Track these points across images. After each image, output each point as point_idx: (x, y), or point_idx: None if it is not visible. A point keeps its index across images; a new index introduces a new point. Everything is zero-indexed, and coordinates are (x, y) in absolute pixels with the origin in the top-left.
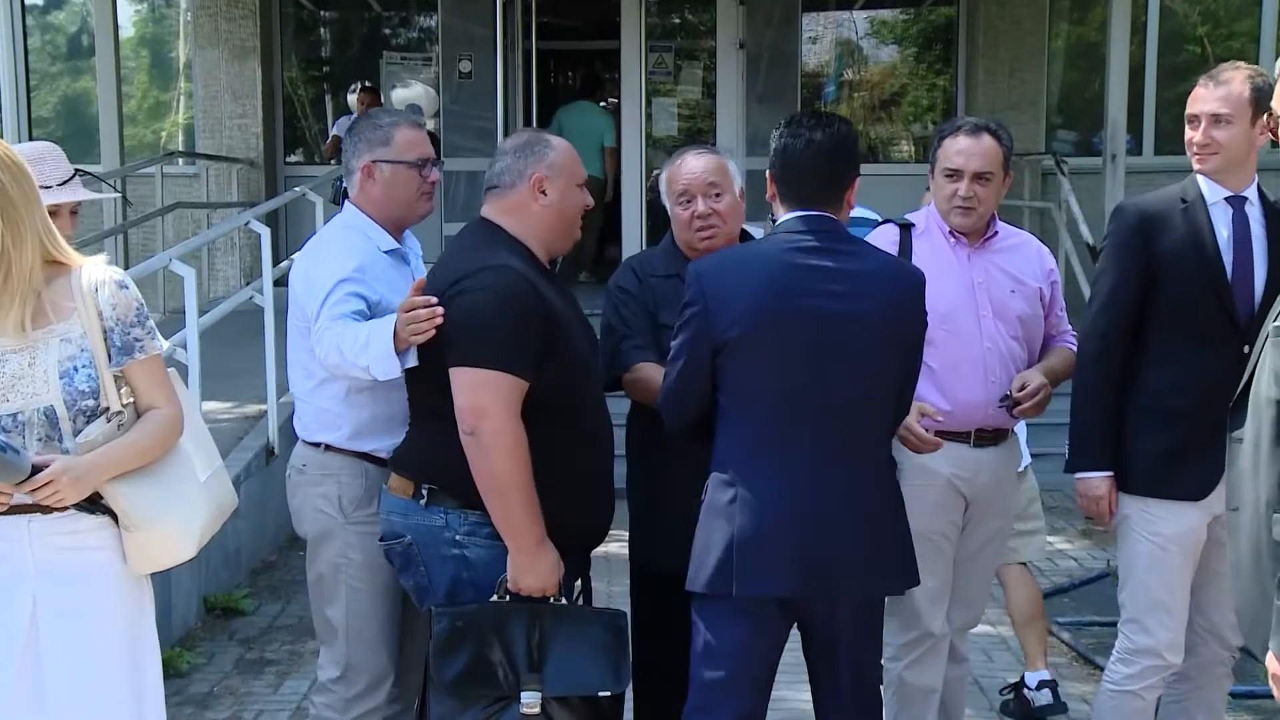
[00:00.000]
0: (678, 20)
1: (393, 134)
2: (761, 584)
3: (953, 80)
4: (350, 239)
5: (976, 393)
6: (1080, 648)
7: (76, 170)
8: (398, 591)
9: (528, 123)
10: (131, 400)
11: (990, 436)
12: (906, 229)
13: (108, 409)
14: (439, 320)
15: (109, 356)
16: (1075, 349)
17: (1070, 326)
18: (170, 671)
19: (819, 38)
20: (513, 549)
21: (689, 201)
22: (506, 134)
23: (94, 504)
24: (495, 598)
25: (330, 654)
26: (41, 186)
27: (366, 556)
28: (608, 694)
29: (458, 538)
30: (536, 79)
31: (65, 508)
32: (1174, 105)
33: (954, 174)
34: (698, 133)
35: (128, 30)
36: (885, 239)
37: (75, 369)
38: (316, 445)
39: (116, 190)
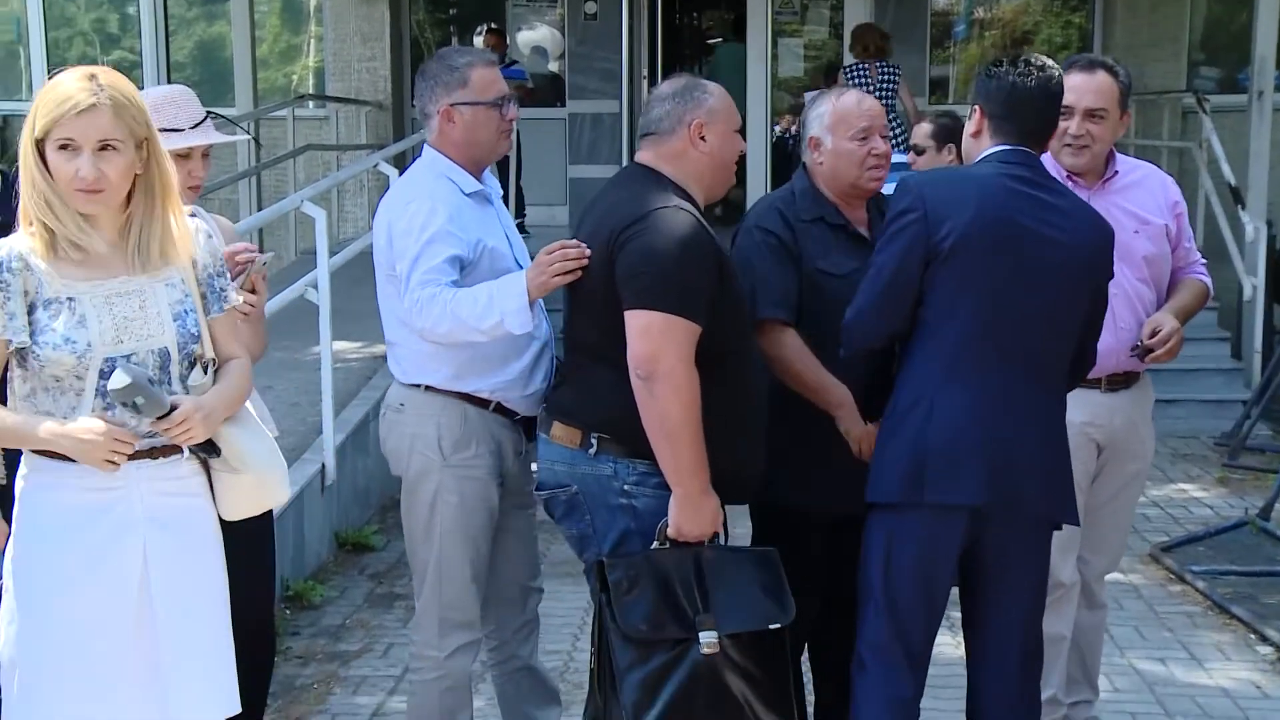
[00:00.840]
0: None
1: (469, 75)
2: (955, 492)
3: (1089, 16)
4: (435, 187)
5: (1106, 339)
6: (1216, 596)
7: (209, 113)
8: (489, 532)
9: (653, 65)
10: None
11: (1122, 379)
12: None
13: (201, 356)
14: (585, 262)
15: (204, 305)
16: (1206, 279)
17: (1200, 256)
18: (304, 604)
19: None
20: (678, 495)
21: (866, 139)
22: (631, 77)
23: (211, 446)
24: (655, 544)
25: (425, 594)
26: (173, 129)
27: (463, 499)
28: (777, 625)
29: (626, 487)
30: (662, 21)
31: (184, 449)
32: None
33: (1066, 110)
34: (826, 73)
35: None
36: None
37: (185, 312)
38: (416, 386)
39: (249, 133)
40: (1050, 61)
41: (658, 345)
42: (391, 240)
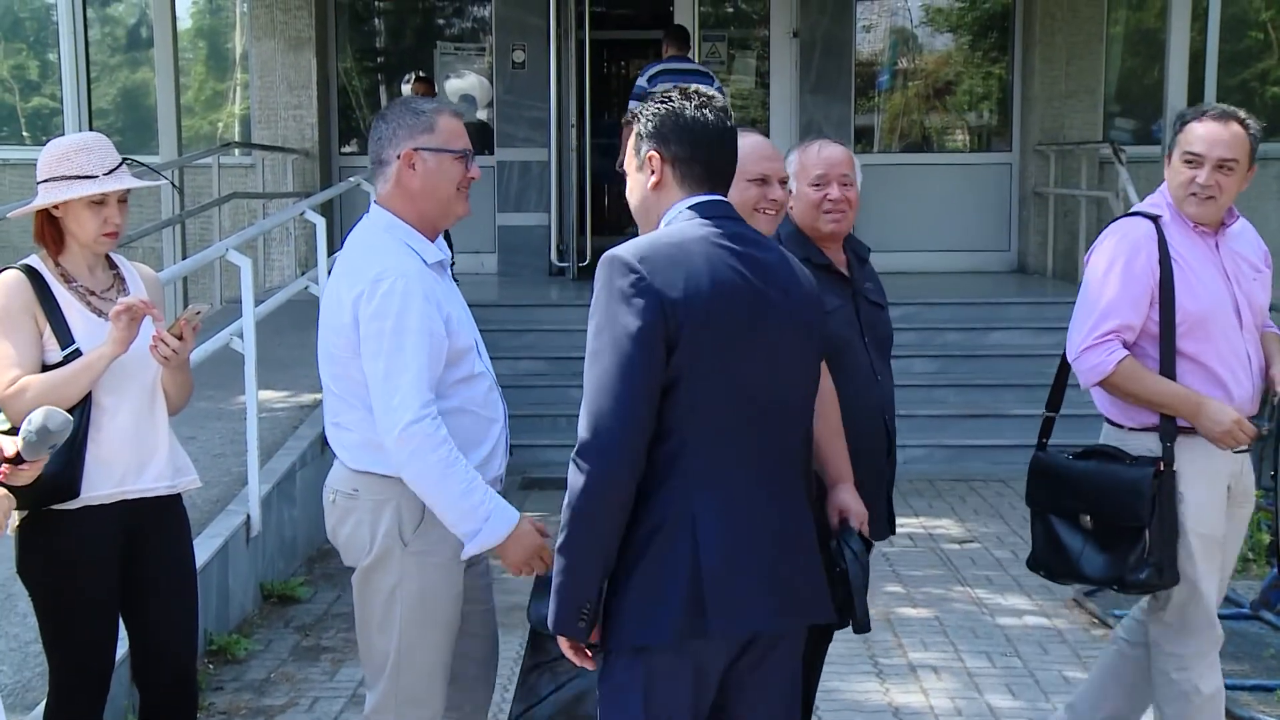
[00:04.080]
0: (731, 9)
1: (436, 120)
2: (740, 619)
3: (1008, 68)
4: (404, 262)
5: (1245, 387)
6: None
7: (125, 159)
8: (453, 620)
9: (581, 113)
10: None
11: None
12: (1156, 220)
13: None
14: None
15: None
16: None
17: None
18: (227, 658)
19: (873, 26)
20: None
21: (823, 185)
22: (560, 124)
23: None
24: None
25: (381, 687)
26: (85, 176)
27: (423, 584)
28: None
29: None
30: (590, 69)
31: None
32: (1236, 93)
33: (1194, 160)
34: (751, 122)
35: (185, 22)
36: (1141, 232)
37: None
38: (369, 474)
39: (168, 179)
40: (712, 90)
41: None
42: (357, 321)
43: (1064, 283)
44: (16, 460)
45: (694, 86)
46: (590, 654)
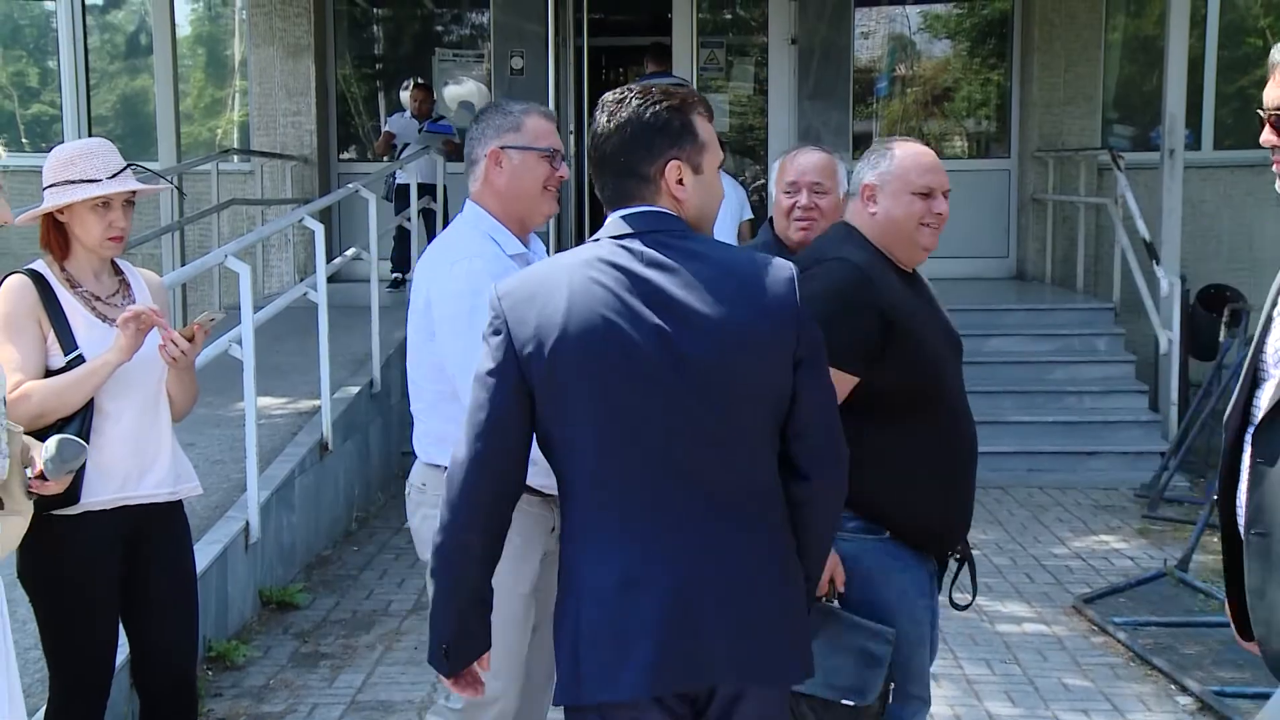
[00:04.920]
0: (729, 16)
1: (523, 120)
2: (613, 686)
3: (1007, 75)
4: (482, 246)
5: None
6: (1137, 648)
7: (129, 165)
8: (525, 616)
9: (579, 119)
10: None
11: None
12: None
13: None
14: None
15: None
16: None
17: None
18: (226, 664)
19: (871, 33)
20: None
21: (794, 193)
22: (558, 130)
23: None
24: None
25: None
26: (89, 180)
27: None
28: (850, 703)
29: None
30: (588, 75)
31: None
32: (1234, 99)
33: None
34: (749, 129)
35: (184, 29)
36: None
37: None
38: (436, 466)
39: (172, 183)
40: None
41: None
42: (430, 303)
43: (1062, 289)
44: (43, 476)
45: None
46: (470, 683)
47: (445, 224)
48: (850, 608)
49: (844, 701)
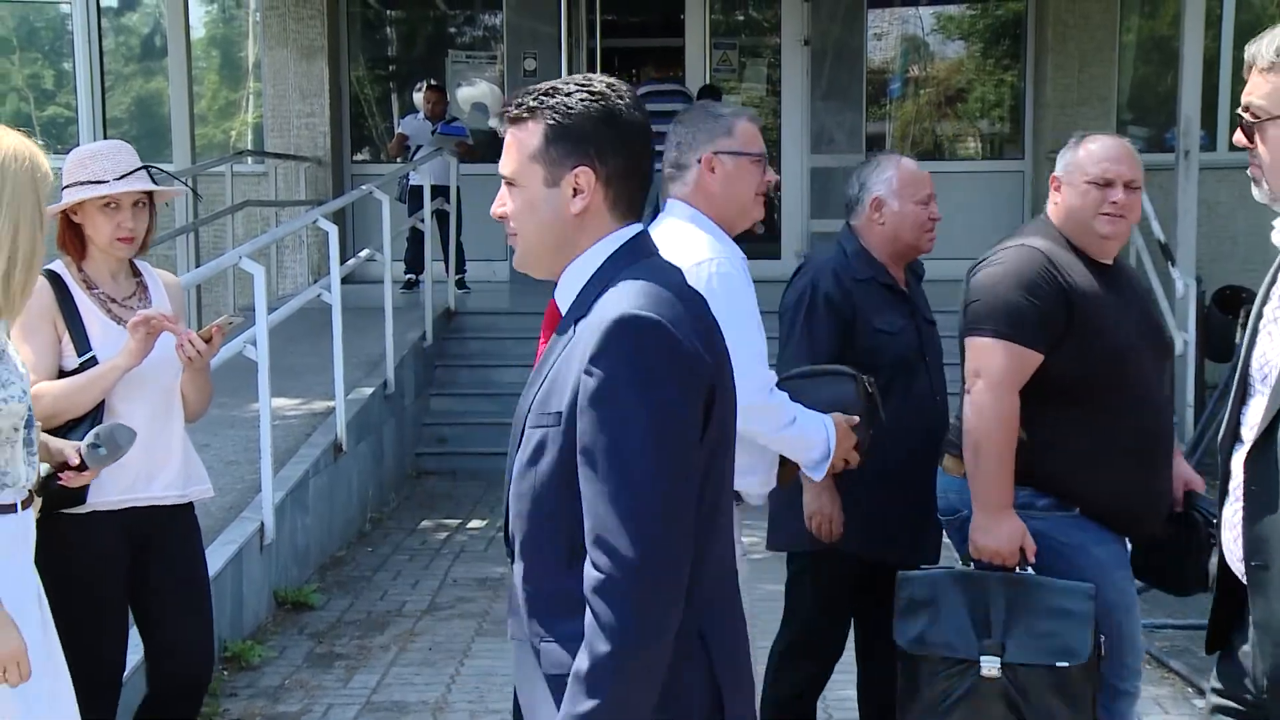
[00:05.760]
0: (742, 17)
1: (734, 125)
2: None
3: (1021, 75)
4: (717, 241)
5: None
6: (1154, 650)
7: (146, 166)
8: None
9: None
10: None
11: None
12: None
13: None
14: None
15: None
16: None
17: None
18: (242, 664)
19: (884, 34)
20: (975, 506)
21: (928, 204)
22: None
23: None
24: (963, 565)
25: None
26: (98, 181)
27: None
28: (1064, 664)
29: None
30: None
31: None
32: None
33: None
34: (762, 131)
35: (199, 31)
36: None
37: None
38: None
39: (187, 185)
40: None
41: (980, 364)
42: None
43: None
44: (80, 467)
45: (601, 77)
46: None
47: (459, 226)
48: None
49: (1058, 664)
